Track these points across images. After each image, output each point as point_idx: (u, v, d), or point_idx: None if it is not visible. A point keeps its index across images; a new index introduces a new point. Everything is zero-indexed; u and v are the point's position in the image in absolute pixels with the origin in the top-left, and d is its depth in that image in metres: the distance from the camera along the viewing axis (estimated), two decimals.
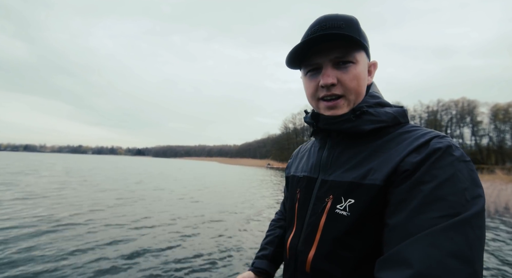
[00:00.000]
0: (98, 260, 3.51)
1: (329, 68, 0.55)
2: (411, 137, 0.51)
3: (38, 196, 8.02)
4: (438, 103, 56.41)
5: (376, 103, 0.57)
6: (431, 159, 0.44)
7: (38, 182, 11.76)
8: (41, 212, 6.04)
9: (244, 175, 26.32)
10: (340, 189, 0.53)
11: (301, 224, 0.61)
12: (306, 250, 0.56)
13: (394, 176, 0.47)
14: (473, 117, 52.24)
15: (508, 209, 8.92)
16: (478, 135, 51.79)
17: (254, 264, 0.79)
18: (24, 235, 4.36)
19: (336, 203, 0.53)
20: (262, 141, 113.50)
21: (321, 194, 0.58)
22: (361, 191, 0.50)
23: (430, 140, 0.47)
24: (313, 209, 0.58)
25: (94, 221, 5.44)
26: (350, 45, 0.54)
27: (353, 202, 0.50)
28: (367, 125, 0.54)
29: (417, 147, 0.47)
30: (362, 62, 0.56)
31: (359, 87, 0.56)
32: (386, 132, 0.55)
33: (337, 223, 0.52)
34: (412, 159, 0.46)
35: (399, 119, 0.56)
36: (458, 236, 0.38)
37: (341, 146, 0.59)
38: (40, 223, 5.08)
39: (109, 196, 8.72)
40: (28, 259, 3.41)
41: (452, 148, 0.45)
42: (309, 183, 0.62)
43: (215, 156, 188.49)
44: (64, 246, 3.95)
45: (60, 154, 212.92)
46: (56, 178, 13.96)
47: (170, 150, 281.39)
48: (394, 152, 0.50)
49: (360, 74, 0.55)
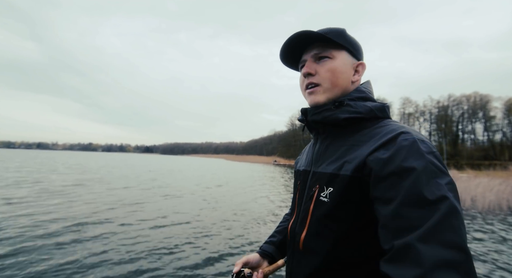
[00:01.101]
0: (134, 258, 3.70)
1: (310, 62, 0.67)
2: (381, 132, 0.57)
3: (58, 193, 8.35)
4: (449, 98, 54.85)
5: (359, 97, 0.65)
6: (399, 155, 0.49)
7: (60, 179, 12.19)
8: (80, 209, 6.33)
9: (254, 171, 26.52)
10: (323, 179, 0.62)
11: (299, 210, 0.70)
12: (300, 232, 0.65)
13: (364, 169, 0.54)
14: (486, 112, 50.58)
15: None
16: (491, 131, 50.22)
17: (262, 247, 0.88)
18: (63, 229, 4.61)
19: (320, 191, 0.62)
20: (268, 138, 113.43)
21: (311, 184, 0.67)
22: (337, 181, 0.58)
23: (398, 136, 0.52)
24: (306, 197, 0.68)
25: (127, 219, 5.66)
26: (327, 44, 0.65)
27: (331, 190, 0.59)
28: (343, 114, 0.62)
29: (385, 143, 0.53)
30: (341, 59, 0.66)
31: (334, 78, 0.65)
32: (363, 126, 0.62)
33: (320, 208, 0.61)
34: (380, 155, 0.52)
35: (375, 113, 0.62)
36: (449, 228, 0.42)
37: (329, 140, 0.68)
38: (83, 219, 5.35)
39: (130, 194, 8.99)
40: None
41: (417, 143, 0.50)
42: (305, 175, 0.71)
43: (221, 153, 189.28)
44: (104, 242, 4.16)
45: (71, 151, 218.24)
46: (73, 176, 14.41)
47: (177, 147, 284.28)
48: (364, 146, 0.57)
49: (336, 67, 0.65)
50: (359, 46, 0.71)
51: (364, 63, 0.71)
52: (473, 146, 51.13)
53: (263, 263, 0.84)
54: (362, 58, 0.71)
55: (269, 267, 0.81)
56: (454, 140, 52.41)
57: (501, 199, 8.83)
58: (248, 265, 0.80)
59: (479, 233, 5.46)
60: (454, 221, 0.42)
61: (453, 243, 0.41)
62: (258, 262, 0.82)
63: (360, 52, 0.70)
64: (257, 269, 0.80)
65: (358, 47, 0.70)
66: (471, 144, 52.75)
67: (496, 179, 12.11)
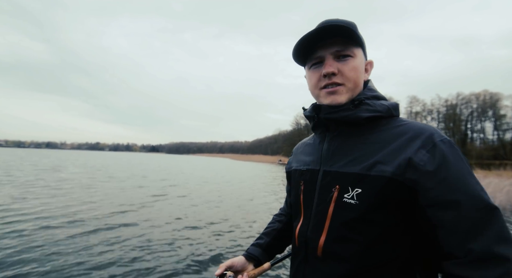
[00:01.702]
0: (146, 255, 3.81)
1: (331, 60, 0.62)
2: (408, 131, 0.57)
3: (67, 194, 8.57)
4: (458, 97, 53.85)
5: (373, 96, 0.64)
6: (446, 158, 0.51)
7: (72, 178, 12.48)
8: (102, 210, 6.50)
9: (260, 171, 26.64)
10: (346, 179, 0.58)
11: (308, 213, 0.65)
12: (316, 237, 0.61)
13: (406, 172, 0.52)
14: (496, 111, 49.46)
15: None
16: (501, 130, 49.12)
17: (248, 250, 0.85)
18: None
19: (343, 193, 0.58)
20: (273, 137, 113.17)
21: (325, 184, 0.62)
22: (368, 181, 0.55)
23: (432, 137, 0.54)
24: (319, 198, 0.63)
25: (136, 219, 5.81)
26: (348, 41, 0.62)
27: (360, 191, 0.55)
28: (364, 113, 0.60)
29: (423, 145, 0.53)
30: (360, 57, 0.64)
31: (357, 78, 0.63)
32: (381, 124, 0.62)
33: (345, 211, 0.56)
34: (425, 159, 0.52)
35: (392, 112, 0.63)
36: (496, 222, 0.47)
37: (341, 138, 0.65)
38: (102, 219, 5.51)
39: (141, 193, 9.16)
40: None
41: (452, 144, 0.53)
42: (313, 175, 0.67)
43: (226, 153, 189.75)
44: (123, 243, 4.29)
45: (79, 151, 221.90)
46: (85, 175, 14.71)
47: (183, 147, 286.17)
48: (397, 146, 0.55)
49: (358, 66, 0.63)
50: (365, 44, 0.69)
51: (372, 61, 0.70)
52: (483, 146, 50.18)
53: (249, 266, 0.81)
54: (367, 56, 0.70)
55: (254, 271, 0.79)
56: (463, 139, 51.46)
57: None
58: (233, 268, 0.78)
59: None
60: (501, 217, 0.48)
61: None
62: (243, 266, 0.80)
63: (366, 49, 0.69)
64: (242, 273, 0.78)
65: (365, 45, 0.69)
66: (480, 143, 51.78)
67: (507, 179, 11.89)
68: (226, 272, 0.75)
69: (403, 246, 0.54)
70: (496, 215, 0.47)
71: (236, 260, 0.80)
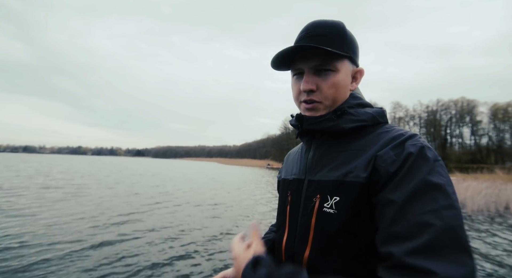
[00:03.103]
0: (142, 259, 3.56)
1: (310, 75, 0.59)
2: (387, 136, 0.54)
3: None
4: (438, 103, 56.43)
5: (357, 103, 0.62)
6: (409, 160, 0.48)
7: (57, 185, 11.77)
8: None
9: (252, 175, 26.32)
10: (326, 188, 0.56)
11: (294, 225, 0.62)
12: (301, 250, 0.58)
13: (372, 174, 0.50)
14: (473, 117, 52.23)
15: (508, 208, 8.99)
16: (477, 135, 51.82)
17: None
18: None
19: (323, 202, 0.55)
20: (262, 142, 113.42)
21: (309, 194, 0.60)
22: (345, 188, 0.53)
23: (406, 141, 0.52)
24: (304, 209, 0.60)
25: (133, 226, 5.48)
26: (331, 55, 0.57)
27: (338, 199, 0.53)
28: (347, 124, 0.58)
29: (393, 147, 0.51)
30: (344, 70, 0.59)
31: (336, 94, 0.59)
32: (366, 132, 0.59)
33: (326, 221, 0.54)
34: (389, 159, 0.50)
35: (377, 119, 0.60)
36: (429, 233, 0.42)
37: (325, 147, 0.62)
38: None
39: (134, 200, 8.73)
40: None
41: (425, 149, 0.50)
42: (298, 185, 0.64)
43: (215, 157, 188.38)
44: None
45: (59, 155, 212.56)
46: (71, 181, 13.94)
47: (170, 151, 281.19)
48: (371, 151, 0.54)
49: (339, 82, 0.59)
50: (357, 48, 0.64)
51: (362, 69, 0.65)
52: (461, 150, 52.54)
53: None
54: (359, 61, 0.65)
55: None
56: (443, 144, 53.72)
57: (490, 202, 9.03)
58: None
59: (470, 235, 5.53)
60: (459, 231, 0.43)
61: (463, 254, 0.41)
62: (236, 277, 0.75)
63: (358, 55, 0.64)
64: None
65: (357, 50, 0.64)
66: (459, 147, 54.19)
67: (484, 182, 12.40)
68: None
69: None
70: (434, 226, 0.42)
71: (229, 272, 0.75)
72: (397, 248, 0.43)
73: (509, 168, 24.88)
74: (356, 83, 0.65)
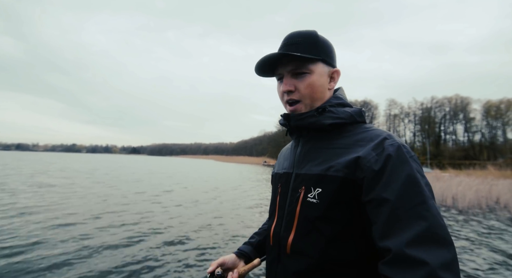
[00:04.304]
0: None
1: (288, 78, 0.68)
2: (366, 137, 0.62)
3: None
4: (432, 100, 56.97)
5: (338, 103, 0.69)
6: (390, 160, 0.55)
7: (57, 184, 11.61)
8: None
9: (249, 173, 26.31)
10: (310, 180, 0.64)
11: (282, 214, 0.70)
12: (286, 235, 0.65)
13: (356, 172, 0.57)
14: (466, 114, 52.88)
15: (499, 203, 9.19)
16: (471, 132, 52.54)
17: (239, 248, 0.89)
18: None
19: (307, 193, 0.63)
20: (258, 139, 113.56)
21: (295, 186, 0.68)
22: (326, 181, 0.60)
23: (384, 141, 0.59)
24: (291, 199, 0.68)
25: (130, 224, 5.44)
26: (304, 59, 0.66)
27: (320, 191, 0.60)
28: (327, 120, 0.65)
29: (373, 148, 0.58)
30: (318, 72, 0.67)
31: (313, 93, 0.67)
32: (346, 130, 0.67)
33: (309, 210, 0.61)
34: (371, 159, 0.57)
35: (355, 118, 0.67)
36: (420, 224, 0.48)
37: (311, 143, 0.70)
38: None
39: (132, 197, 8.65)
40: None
41: (401, 148, 0.57)
42: (287, 178, 0.72)
43: (211, 154, 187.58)
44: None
45: (53, 153, 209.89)
46: (69, 179, 13.75)
47: (165, 148, 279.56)
48: (352, 150, 0.61)
49: (314, 82, 0.67)
50: (333, 51, 0.71)
51: (339, 70, 0.72)
52: (455, 147, 53.25)
53: (240, 263, 0.84)
54: (335, 63, 0.72)
55: (245, 267, 0.81)
56: (437, 141, 54.41)
57: (480, 197, 9.21)
58: (224, 266, 0.81)
59: (460, 230, 5.65)
60: (441, 221, 0.50)
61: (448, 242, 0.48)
62: (234, 263, 0.83)
63: (334, 58, 0.71)
64: (233, 269, 0.81)
65: (332, 53, 0.71)
66: (452, 144, 54.92)
67: (476, 179, 12.64)
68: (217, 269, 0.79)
69: (364, 246, 0.57)
70: (424, 217, 0.49)
71: (227, 258, 0.83)
72: (393, 242, 0.49)
73: (501, 164, 25.37)
74: (334, 82, 0.72)
